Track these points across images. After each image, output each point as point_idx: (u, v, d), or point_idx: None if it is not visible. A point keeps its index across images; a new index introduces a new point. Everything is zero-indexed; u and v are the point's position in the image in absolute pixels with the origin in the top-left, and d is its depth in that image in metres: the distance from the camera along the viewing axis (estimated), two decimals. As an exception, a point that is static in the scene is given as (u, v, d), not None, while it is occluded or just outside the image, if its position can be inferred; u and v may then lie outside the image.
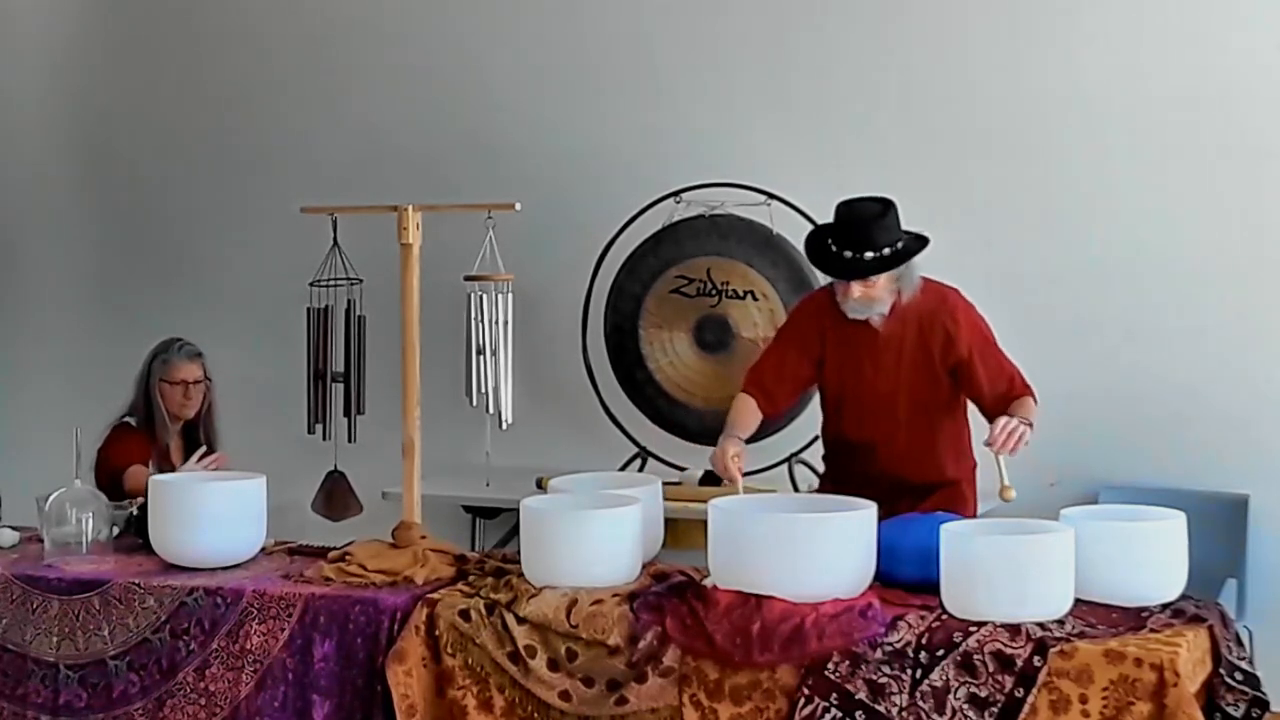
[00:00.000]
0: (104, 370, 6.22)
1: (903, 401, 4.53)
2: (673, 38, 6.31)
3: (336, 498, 5.20)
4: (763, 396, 4.56)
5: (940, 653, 3.57)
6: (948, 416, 4.62)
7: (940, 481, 4.60)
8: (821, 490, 4.77)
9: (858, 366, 4.54)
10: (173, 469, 5.27)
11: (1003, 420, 4.29)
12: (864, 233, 4.37)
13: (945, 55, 5.97)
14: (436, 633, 3.91)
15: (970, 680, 3.54)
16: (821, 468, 4.95)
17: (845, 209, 4.44)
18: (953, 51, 5.96)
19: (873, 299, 4.43)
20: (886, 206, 4.42)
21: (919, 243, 4.45)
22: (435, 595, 4.00)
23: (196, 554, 4.31)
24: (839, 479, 4.65)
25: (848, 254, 4.38)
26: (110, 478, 5.14)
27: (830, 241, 4.44)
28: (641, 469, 5.99)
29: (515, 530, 5.13)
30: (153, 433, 5.33)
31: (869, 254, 4.36)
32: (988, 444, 4.27)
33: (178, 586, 4.17)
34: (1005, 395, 4.50)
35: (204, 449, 5.22)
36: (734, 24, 6.22)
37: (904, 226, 4.48)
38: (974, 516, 4.57)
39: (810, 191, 5.67)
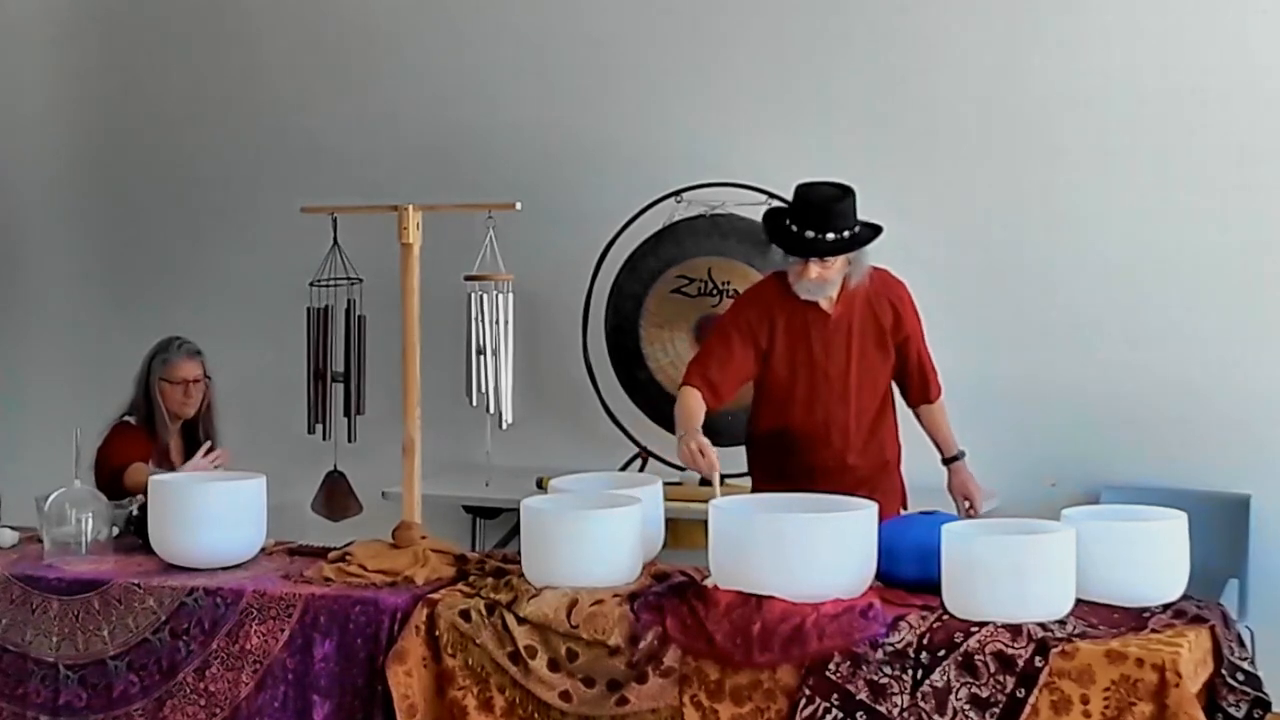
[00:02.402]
0: (104, 371, 6.22)
1: (854, 383, 4.64)
2: (673, 37, 6.31)
3: (336, 498, 5.21)
4: (708, 389, 4.58)
5: (941, 653, 3.57)
6: (887, 398, 4.77)
7: (881, 465, 4.74)
8: (758, 489, 4.74)
9: (809, 351, 4.62)
10: (173, 468, 5.27)
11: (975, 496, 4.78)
12: (826, 214, 4.46)
13: (946, 55, 5.97)
14: (437, 633, 3.91)
15: (971, 680, 3.54)
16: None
17: (808, 190, 4.54)
18: (954, 51, 5.96)
19: (826, 280, 4.53)
20: (846, 191, 4.52)
21: (873, 230, 4.55)
22: (435, 595, 4.00)
23: (196, 554, 4.30)
24: (781, 473, 4.67)
25: (809, 234, 4.45)
26: (110, 476, 5.13)
27: (789, 223, 4.52)
28: (642, 469, 5.99)
29: (515, 530, 5.13)
30: (153, 431, 5.32)
31: (830, 235, 4.45)
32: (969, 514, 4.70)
33: (178, 586, 4.16)
34: (925, 384, 4.77)
35: (208, 444, 5.20)
36: (734, 24, 6.22)
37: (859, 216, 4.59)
38: (904, 500, 4.81)
39: (811, 191, 5.67)
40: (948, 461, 4.83)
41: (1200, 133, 5.69)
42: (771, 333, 4.62)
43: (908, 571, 3.86)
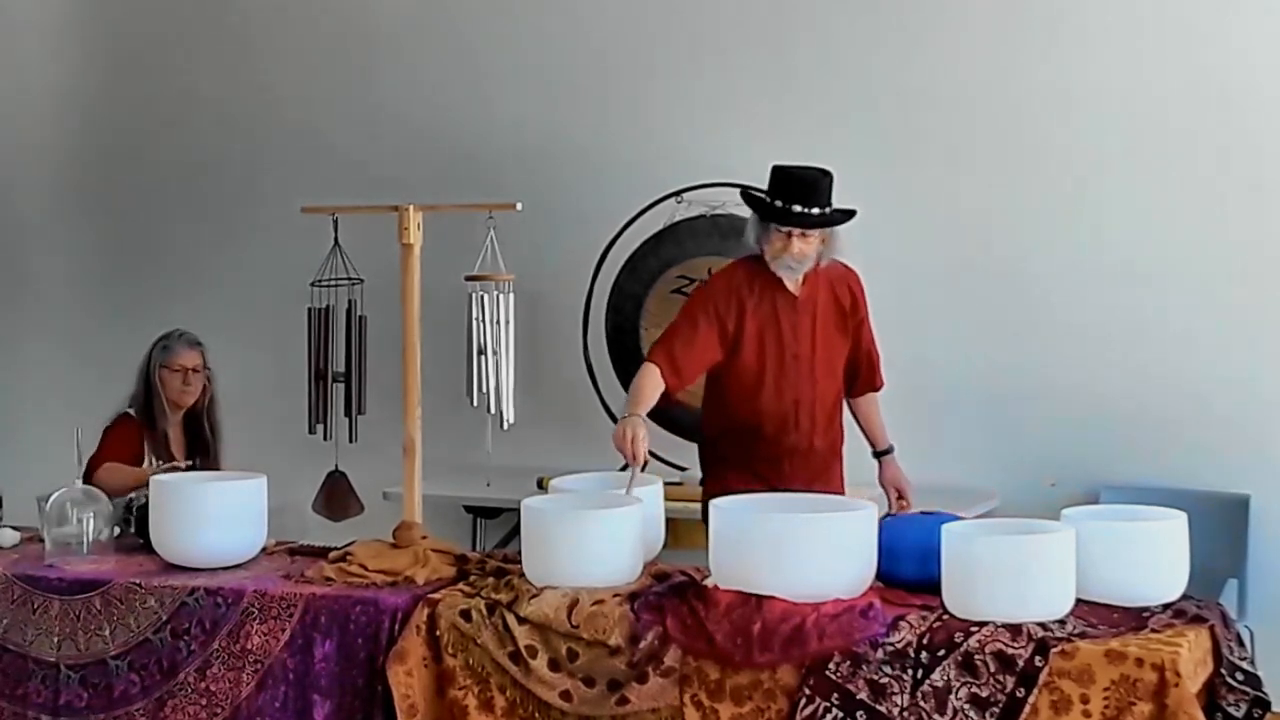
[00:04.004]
0: (104, 371, 6.21)
1: (819, 362, 4.72)
2: (673, 38, 6.31)
3: (337, 498, 5.20)
4: (670, 369, 4.57)
5: (941, 653, 3.57)
6: (842, 383, 4.84)
7: (835, 450, 4.82)
8: (717, 483, 4.72)
9: (778, 332, 4.68)
10: (170, 458, 5.29)
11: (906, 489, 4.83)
12: (812, 189, 4.60)
13: (946, 57, 5.97)
14: (437, 633, 3.91)
15: (971, 680, 3.54)
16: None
17: (792, 168, 4.65)
18: (954, 53, 5.96)
19: (806, 256, 4.63)
20: (825, 172, 4.64)
21: (848, 212, 4.66)
22: (436, 595, 4.00)
23: (197, 554, 4.31)
24: (745, 464, 4.69)
25: (796, 208, 4.56)
26: (90, 469, 5.11)
27: (774, 200, 4.61)
28: (642, 469, 5.97)
29: (516, 530, 5.13)
30: (151, 420, 5.33)
31: (816, 210, 4.58)
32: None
33: (178, 586, 4.17)
34: (873, 371, 4.88)
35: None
36: (734, 24, 6.22)
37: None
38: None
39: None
40: (880, 454, 4.88)
41: (1200, 132, 5.69)
42: (740, 316, 4.66)
43: (908, 571, 3.86)
